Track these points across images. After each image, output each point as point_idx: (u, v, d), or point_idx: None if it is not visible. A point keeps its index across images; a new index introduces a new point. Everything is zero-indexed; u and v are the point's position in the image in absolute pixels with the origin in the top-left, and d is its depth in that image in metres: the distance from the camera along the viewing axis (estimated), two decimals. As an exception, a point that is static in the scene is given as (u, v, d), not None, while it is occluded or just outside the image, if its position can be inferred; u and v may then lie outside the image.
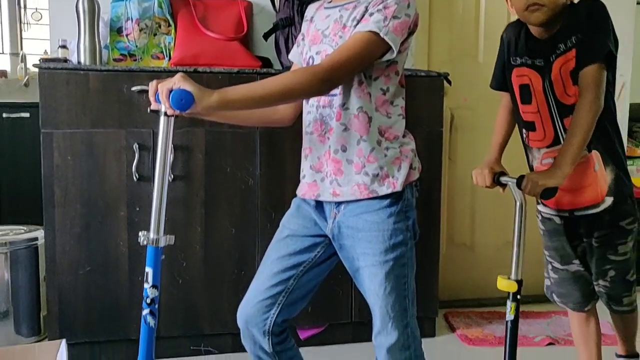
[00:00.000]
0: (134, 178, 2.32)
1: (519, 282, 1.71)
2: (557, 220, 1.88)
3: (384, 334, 1.47)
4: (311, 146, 1.49)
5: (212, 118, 1.63)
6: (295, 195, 1.64)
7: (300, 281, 1.54)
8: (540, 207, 1.92)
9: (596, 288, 1.89)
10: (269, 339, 1.56)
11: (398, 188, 1.42)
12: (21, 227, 2.67)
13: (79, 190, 2.30)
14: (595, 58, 1.64)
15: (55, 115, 2.26)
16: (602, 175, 1.76)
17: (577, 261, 1.89)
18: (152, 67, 2.46)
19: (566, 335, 2.68)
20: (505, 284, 1.71)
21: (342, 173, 1.44)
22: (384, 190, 1.42)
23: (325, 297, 2.55)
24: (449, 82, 2.64)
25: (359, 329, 2.64)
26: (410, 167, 1.46)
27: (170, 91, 1.29)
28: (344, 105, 1.41)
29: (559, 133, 1.76)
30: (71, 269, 2.31)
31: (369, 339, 2.71)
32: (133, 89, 2.30)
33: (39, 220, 2.33)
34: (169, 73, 2.15)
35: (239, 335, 2.52)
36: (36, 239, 2.55)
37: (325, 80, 1.35)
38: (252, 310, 1.56)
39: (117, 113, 2.30)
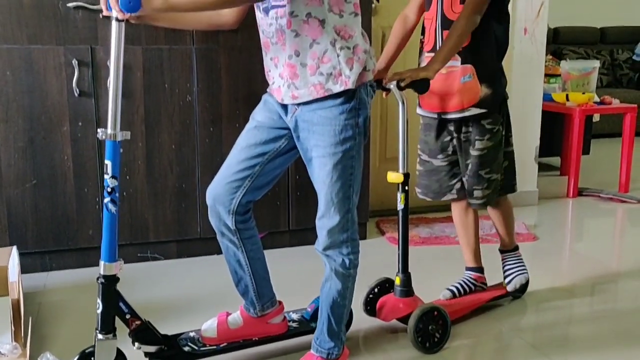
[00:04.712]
0: (75, 94, 2.40)
1: (406, 175, 1.94)
2: (433, 118, 2.11)
3: (326, 217, 1.63)
4: (278, 55, 1.61)
5: (162, 23, 1.74)
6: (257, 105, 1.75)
7: (265, 168, 1.72)
8: (418, 110, 2.16)
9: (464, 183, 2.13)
10: (233, 217, 1.73)
11: (350, 86, 1.56)
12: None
13: (20, 106, 2.37)
14: None
15: (-10, 31, 2.30)
16: (470, 87, 1.96)
17: (441, 156, 2.12)
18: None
19: (482, 235, 2.94)
20: (394, 177, 1.94)
21: (298, 77, 1.58)
22: (337, 88, 1.56)
23: (265, 207, 2.73)
24: (377, -1, 2.77)
25: (295, 235, 2.85)
26: (364, 69, 1.59)
27: None
28: (293, 13, 1.53)
29: (437, 42, 1.99)
30: (18, 182, 2.41)
31: (306, 244, 2.92)
32: (69, 5, 2.35)
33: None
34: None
35: (183, 242, 2.72)
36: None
37: None
38: (221, 190, 1.72)
39: (54, 29, 2.36)
